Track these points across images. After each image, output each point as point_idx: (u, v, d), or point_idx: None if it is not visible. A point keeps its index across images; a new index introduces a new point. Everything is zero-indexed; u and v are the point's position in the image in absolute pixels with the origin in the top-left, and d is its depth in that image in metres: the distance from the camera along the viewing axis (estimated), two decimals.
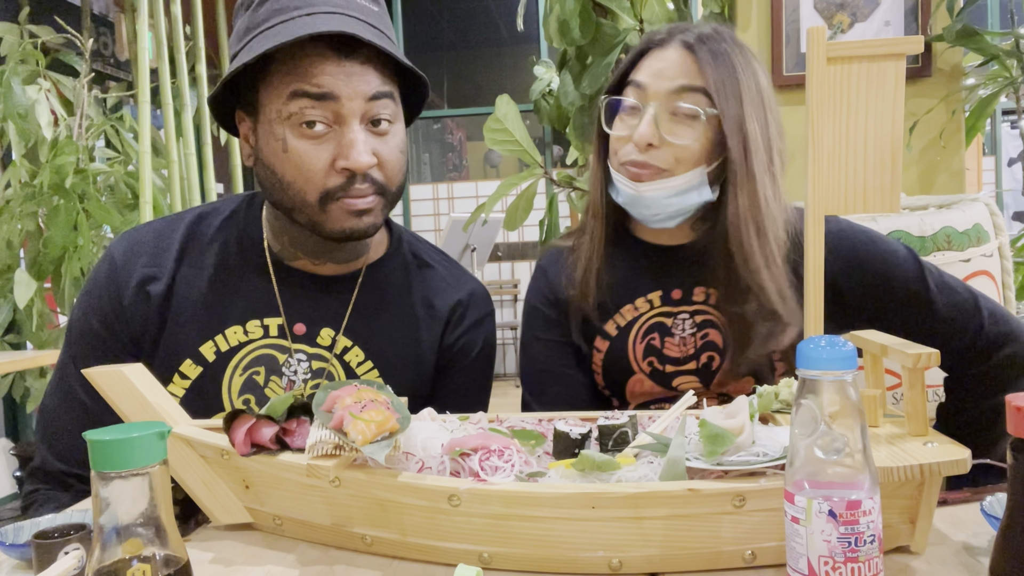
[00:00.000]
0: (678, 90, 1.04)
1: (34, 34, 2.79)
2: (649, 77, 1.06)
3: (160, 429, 0.54)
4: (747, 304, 1.05)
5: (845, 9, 2.37)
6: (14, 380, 2.81)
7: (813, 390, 0.57)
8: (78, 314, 1.06)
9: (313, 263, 1.08)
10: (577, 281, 1.15)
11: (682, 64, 1.05)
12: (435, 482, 0.71)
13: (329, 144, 0.95)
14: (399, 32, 5.90)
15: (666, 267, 1.15)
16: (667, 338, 1.15)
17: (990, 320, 1.09)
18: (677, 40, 1.07)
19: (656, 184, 1.06)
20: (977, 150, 4.34)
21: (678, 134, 1.04)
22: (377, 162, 0.97)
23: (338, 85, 0.93)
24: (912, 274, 1.09)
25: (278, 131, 0.96)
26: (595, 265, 1.14)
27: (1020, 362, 1.09)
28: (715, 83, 1.02)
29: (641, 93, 1.06)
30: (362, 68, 0.95)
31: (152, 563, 0.53)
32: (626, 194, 1.09)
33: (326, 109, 0.94)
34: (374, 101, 0.96)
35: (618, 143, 1.09)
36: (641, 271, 1.16)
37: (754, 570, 0.68)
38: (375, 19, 0.98)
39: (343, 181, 0.96)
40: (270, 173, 0.98)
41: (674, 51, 1.06)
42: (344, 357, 1.07)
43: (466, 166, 7.87)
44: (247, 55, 0.94)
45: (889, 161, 0.78)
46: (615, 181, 1.11)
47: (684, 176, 1.05)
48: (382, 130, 0.98)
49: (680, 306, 1.14)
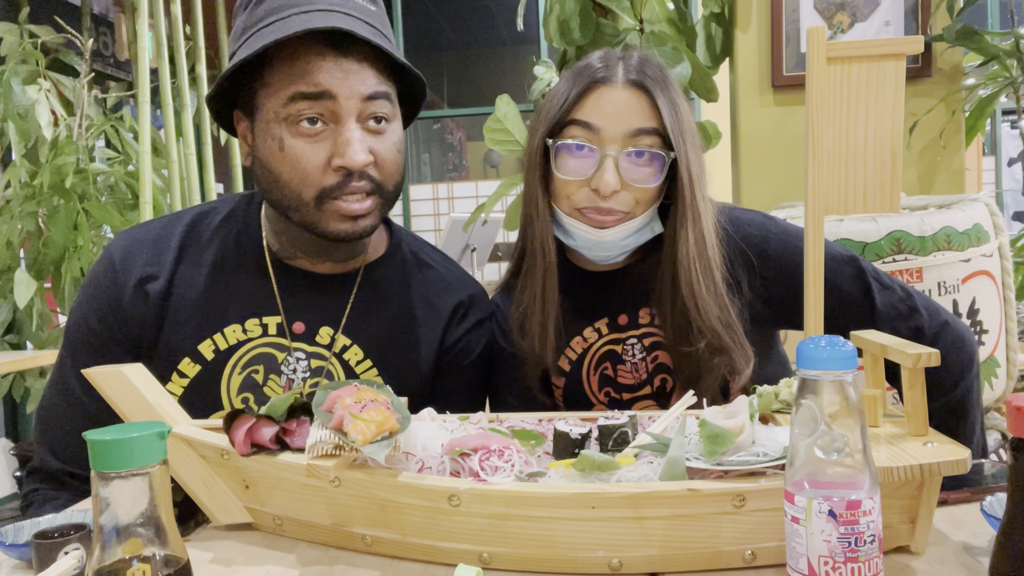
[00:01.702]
0: (634, 133, 1.02)
1: (34, 34, 2.79)
2: (602, 119, 1.02)
3: (160, 429, 0.54)
4: (695, 342, 1.05)
5: (845, 9, 2.37)
6: (14, 380, 2.81)
7: (813, 390, 0.57)
8: (77, 313, 1.06)
9: (312, 262, 1.08)
10: (534, 332, 1.09)
11: (635, 105, 1.02)
12: (435, 482, 0.71)
13: (325, 142, 0.95)
14: (399, 32, 5.90)
15: (608, 293, 1.14)
16: (619, 366, 1.14)
17: (928, 316, 1.08)
18: (621, 77, 1.04)
19: (618, 229, 1.04)
20: (977, 150, 4.34)
21: (639, 178, 1.03)
22: (373, 160, 0.97)
23: (335, 83, 0.93)
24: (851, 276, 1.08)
25: (275, 130, 0.96)
26: (552, 313, 1.09)
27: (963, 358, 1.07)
28: (670, 125, 1.01)
29: (594, 136, 1.02)
30: (359, 66, 0.95)
31: (152, 563, 0.53)
32: (584, 239, 1.06)
33: (323, 108, 0.94)
34: (371, 101, 0.96)
35: (569, 187, 1.04)
36: (584, 300, 1.14)
37: (754, 570, 0.68)
38: (372, 18, 0.99)
39: (339, 179, 0.96)
40: (267, 172, 0.99)
41: (624, 91, 1.03)
42: (343, 356, 1.07)
43: (466, 166, 7.87)
44: (244, 53, 0.94)
45: (889, 161, 0.78)
46: (567, 226, 1.07)
47: (642, 217, 1.05)
48: (379, 129, 0.98)
49: (628, 331, 1.14)
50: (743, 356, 1.06)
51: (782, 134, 2.45)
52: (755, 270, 1.10)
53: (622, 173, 1.02)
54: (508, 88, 2.95)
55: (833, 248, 1.11)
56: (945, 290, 1.59)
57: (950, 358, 1.05)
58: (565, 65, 2.76)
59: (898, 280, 1.11)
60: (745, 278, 1.09)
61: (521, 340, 1.11)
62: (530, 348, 1.10)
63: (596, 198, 1.03)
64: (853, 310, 1.07)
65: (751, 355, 1.07)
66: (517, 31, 3.07)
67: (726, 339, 1.04)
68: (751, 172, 2.47)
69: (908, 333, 1.06)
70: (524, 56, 4.90)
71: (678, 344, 1.08)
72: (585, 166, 1.03)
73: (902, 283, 1.11)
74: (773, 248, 1.09)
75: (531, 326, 1.09)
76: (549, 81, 3.26)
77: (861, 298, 1.07)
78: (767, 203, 2.24)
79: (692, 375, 1.08)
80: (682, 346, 1.06)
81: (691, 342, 1.05)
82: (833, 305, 1.07)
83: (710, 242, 1.05)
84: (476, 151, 7.83)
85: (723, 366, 1.06)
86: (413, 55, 5.94)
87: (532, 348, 1.10)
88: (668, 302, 1.07)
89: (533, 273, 1.10)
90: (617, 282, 1.14)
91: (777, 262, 1.09)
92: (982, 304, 1.64)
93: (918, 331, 1.07)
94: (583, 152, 1.03)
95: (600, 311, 1.14)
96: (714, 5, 2.51)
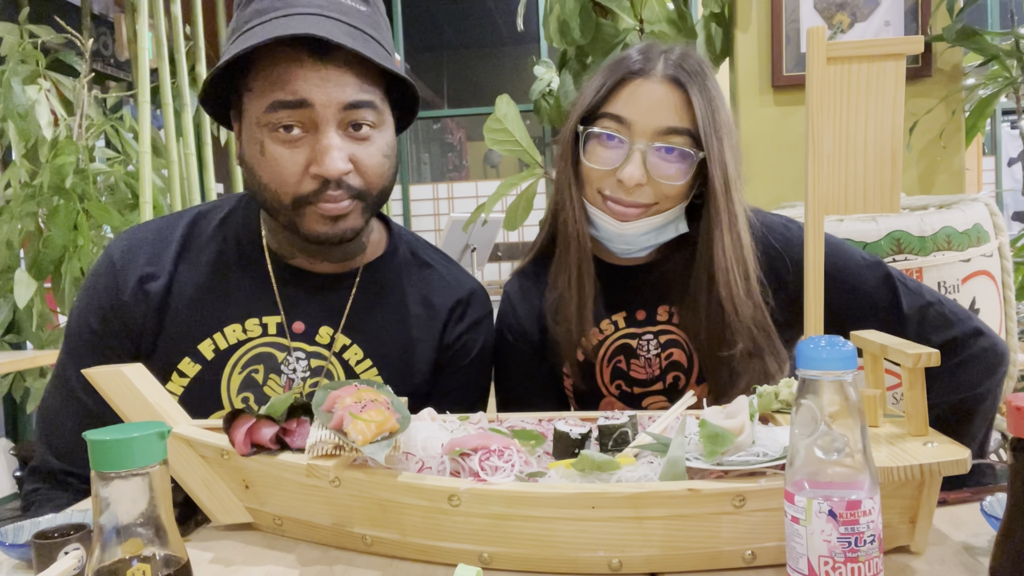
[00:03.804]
0: (666, 131, 1.02)
1: (34, 34, 2.79)
2: (634, 113, 1.02)
3: (160, 429, 0.54)
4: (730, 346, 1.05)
5: (845, 9, 2.37)
6: (14, 380, 2.80)
7: (813, 390, 0.57)
8: (77, 313, 1.06)
9: (311, 262, 1.08)
10: (570, 318, 1.09)
11: (670, 102, 1.02)
12: (435, 482, 0.71)
13: (304, 149, 0.94)
14: (399, 32, 5.89)
15: (629, 288, 1.15)
16: (632, 360, 1.14)
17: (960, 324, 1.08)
18: (660, 72, 1.03)
19: (640, 223, 1.05)
20: (977, 150, 4.34)
21: (666, 173, 1.03)
22: (354, 168, 0.96)
23: (312, 92, 0.92)
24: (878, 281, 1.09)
25: (257, 135, 0.95)
26: (588, 301, 1.10)
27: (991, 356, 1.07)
28: (703, 124, 1.01)
29: (625, 129, 1.02)
30: (339, 73, 0.93)
31: (152, 563, 0.53)
32: (607, 231, 1.07)
33: (302, 116, 0.93)
34: (352, 109, 0.94)
35: (596, 175, 1.06)
36: (604, 293, 1.14)
37: (754, 570, 0.68)
38: (360, 20, 0.96)
39: (316, 187, 0.95)
40: (250, 174, 0.99)
41: (659, 86, 1.03)
42: (343, 355, 1.07)
43: (466, 166, 7.87)
44: (226, 56, 0.93)
45: (889, 161, 0.78)
46: (591, 215, 1.08)
47: (666, 213, 1.05)
48: (362, 135, 0.96)
49: (644, 327, 1.14)
50: (777, 359, 1.06)
51: (782, 134, 2.45)
52: (784, 273, 1.10)
53: (649, 168, 1.02)
54: (508, 88, 2.95)
55: (859, 254, 1.11)
56: (945, 290, 1.59)
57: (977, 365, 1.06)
58: (565, 65, 2.76)
59: (927, 286, 1.11)
60: (775, 281, 1.09)
61: (556, 326, 1.12)
62: (565, 334, 1.11)
63: (620, 189, 1.03)
64: (880, 315, 1.07)
65: (785, 357, 1.07)
66: (517, 31, 3.07)
67: (761, 341, 1.05)
68: (751, 172, 2.46)
69: (941, 343, 1.06)
70: (524, 56, 4.90)
71: (713, 349, 1.07)
72: (613, 156, 1.04)
73: (931, 289, 1.11)
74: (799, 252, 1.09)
75: (566, 311, 1.10)
76: (549, 81, 3.26)
77: (888, 304, 1.08)
78: (767, 203, 2.23)
79: (725, 380, 1.08)
80: (717, 351, 1.06)
81: (726, 346, 1.05)
82: (860, 310, 1.07)
83: (747, 245, 1.05)
84: (476, 151, 7.83)
85: (758, 370, 1.06)
86: (413, 55, 5.94)
87: (568, 334, 1.10)
88: (703, 305, 1.07)
89: (567, 259, 1.10)
90: (638, 277, 1.14)
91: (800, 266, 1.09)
92: (982, 304, 1.64)
93: (952, 341, 1.07)
94: (613, 143, 1.04)
95: (619, 304, 1.15)
96: (714, 5, 2.51)
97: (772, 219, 1.14)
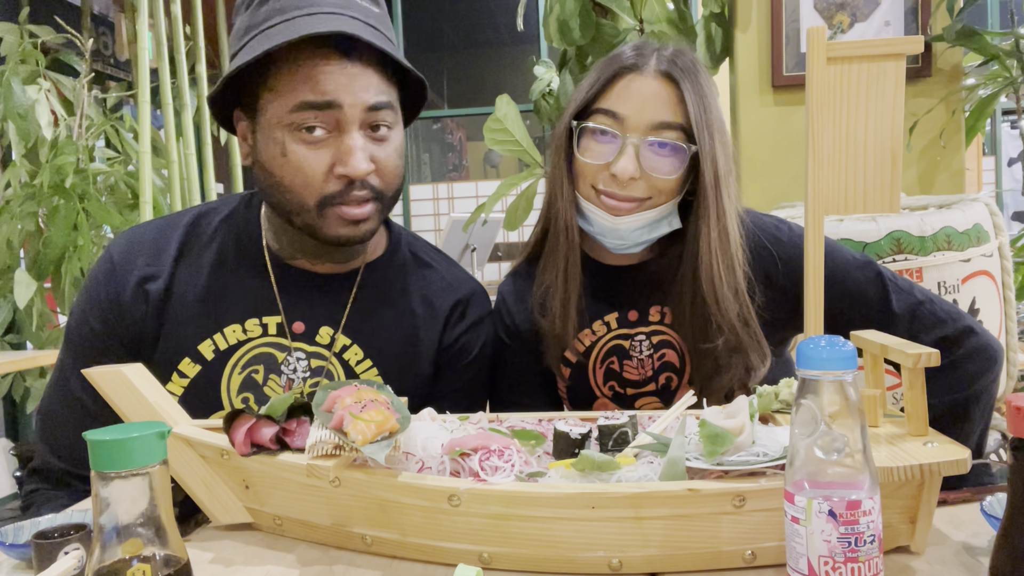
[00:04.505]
0: (658, 126, 1.02)
1: (34, 34, 2.79)
2: (628, 108, 1.03)
3: (160, 429, 0.54)
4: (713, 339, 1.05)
5: (845, 9, 2.37)
6: (14, 380, 2.80)
7: (813, 390, 0.57)
8: (77, 313, 1.06)
9: (311, 262, 1.08)
10: (555, 311, 1.10)
11: (663, 97, 1.03)
12: (435, 482, 0.71)
13: (328, 150, 0.95)
14: (399, 32, 5.90)
15: (620, 288, 1.15)
16: (625, 361, 1.14)
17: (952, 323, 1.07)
18: (653, 67, 1.04)
19: (633, 217, 1.05)
20: (977, 150, 4.35)
21: (658, 167, 1.03)
22: (375, 168, 0.97)
23: (340, 93, 0.93)
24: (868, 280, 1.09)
25: (278, 135, 0.95)
26: (573, 294, 1.10)
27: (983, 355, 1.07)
28: (695, 119, 1.01)
29: (618, 124, 1.03)
30: (363, 71, 0.94)
31: (152, 563, 0.53)
32: (600, 225, 1.07)
33: (328, 117, 0.94)
34: (374, 111, 0.95)
35: (589, 169, 1.06)
36: (596, 293, 1.14)
37: (754, 570, 0.68)
38: (376, 20, 0.98)
39: (341, 187, 0.96)
40: (268, 176, 0.98)
41: (652, 81, 1.04)
42: (343, 355, 1.07)
43: (466, 166, 7.87)
44: (247, 55, 0.93)
45: (889, 161, 0.78)
46: (585, 210, 1.08)
47: (659, 208, 1.06)
48: (380, 136, 0.98)
49: (637, 327, 1.14)
50: (760, 354, 1.06)
51: (782, 134, 2.45)
52: (773, 273, 1.10)
53: (642, 162, 1.03)
54: (508, 88, 2.95)
55: (849, 253, 1.11)
56: (945, 290, 1.59)
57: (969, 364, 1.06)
58: (565, 65, 2.76)
59: (918, 285, 1.11)
60: (764, 279, 1.09)
61: (542, 319, 1.12)
62: (550, 327, 1.11)
63: (614, 183, 1.04)
64: (871, 315, 1.07)
65: (767, 353, 1.07)
66: (517, 31, 3.07)
67: (744, 336, 1.05)
68: (751, 172, 2.46)
69: (931, 342, 1.06)
70: (524, 56, 4.89)
71: (696, 341, 1.08)
72: (606, 151, 1.04)
73: (923, 288, 1.11)
74: (789, 252, 1.10)
75: (553, 304, 1.10)
76: (549, 81, 3.26)
77: (879, 303, 1.08)
78: (767, 203, 2.23)
79: (708, 373, 1.08)
80: (700, 343, 1.07)
81: (709, 339, 1.05)
82: (851, 310, 1.07)
83: (733, 240, 1.05)
84: (476, 151, 7.83)
85: (739, 364, 1.06)
86: (413, 55, 5.94)
87: (553, 327, 1.11)
88: (687, 298, 1.07)
89: (556, 252, 1.11)
90: (630, 277, 1.15)
91: (790, 265, 1.10)
92: (982, 304, 1.64)
93: (943, 340, 1.06)
94: (606, 137, 1.04)
95: (611, 306, 1.15)
96: (714, 5, 2.51)
97: (765, 219, 1.14)
